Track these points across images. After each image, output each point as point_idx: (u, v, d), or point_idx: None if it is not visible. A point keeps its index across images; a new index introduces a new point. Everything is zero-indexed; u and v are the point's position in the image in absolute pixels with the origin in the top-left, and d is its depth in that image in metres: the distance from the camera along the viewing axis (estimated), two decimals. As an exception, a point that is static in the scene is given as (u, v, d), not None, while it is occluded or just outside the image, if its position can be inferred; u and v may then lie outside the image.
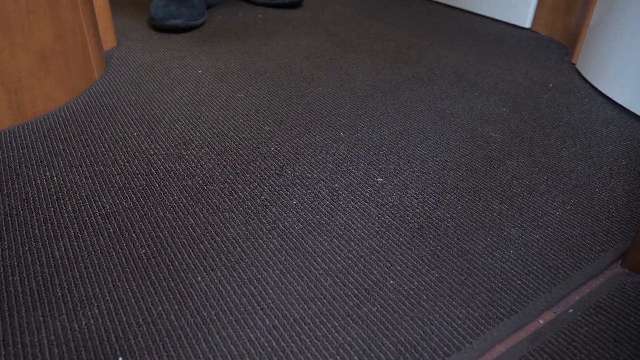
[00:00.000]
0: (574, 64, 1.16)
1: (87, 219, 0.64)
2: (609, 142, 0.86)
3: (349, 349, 0.49)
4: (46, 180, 0.71)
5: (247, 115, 0.90)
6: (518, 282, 0.57)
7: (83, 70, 0.96)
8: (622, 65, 0.95)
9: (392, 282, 0.57)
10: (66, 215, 0.65)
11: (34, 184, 0.70)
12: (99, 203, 0.67)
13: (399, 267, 0.59)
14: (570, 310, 0.55)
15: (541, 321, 0.54)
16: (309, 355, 0.48)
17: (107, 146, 0.80)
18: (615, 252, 0.62)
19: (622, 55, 0.94)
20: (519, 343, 0.51)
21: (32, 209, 0.65)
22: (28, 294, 0.53)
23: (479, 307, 0.54)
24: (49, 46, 0.86)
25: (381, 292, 0.55)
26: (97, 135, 0.82)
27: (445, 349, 0.49)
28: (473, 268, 0.59)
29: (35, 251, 0.59)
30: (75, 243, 0.60)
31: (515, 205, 0.70)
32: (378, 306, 0.53)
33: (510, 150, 0.82)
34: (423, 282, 0.57)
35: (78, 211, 0.65)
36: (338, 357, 0.48)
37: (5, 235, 0.61)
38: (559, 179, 0.76)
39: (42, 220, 0.64)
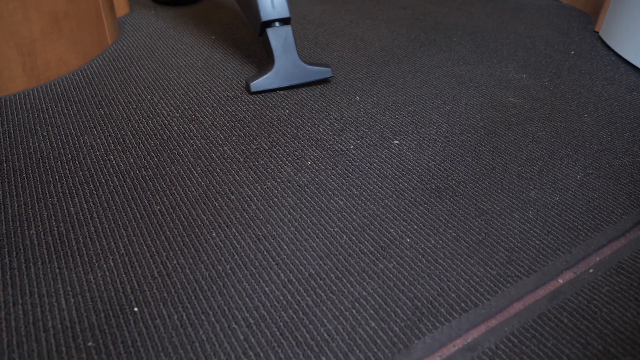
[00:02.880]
0: (597, 32, 1.13)
1: (101, 177, 0.64)
2: (632, 109, 0.83)
3: (364, 303, 0.48)
4: (61, 140, 0.71)
5: (261, 79, 0.89)
6: (537, 242, 0.56)
7: (96, 35, 0.95)
8: (648, 30, 0.91)
9: (408, 240, 0.56)
10: (81, 173, 0.65)
11: (48, 144, 0.70)
12: (114, 162, 0.67)
13: (415, 226, 0.58)
14: (591, 271, 0.54)
15: (561, 280, 0.53)
16: (324, 308, 0.48)
17: (120, 108, 0.79)
18: (638, 215, 0.61)
19: (648, 19, 0.91)
20: (538, 301, 0.50)
21: (47, 167, 0.65)
22: (44, 247, 0.53)
23: (497, 265, 0.53)
24: (62, 9, 0.85)
25: (397, 250, 0.54)
26: (110, 98, 0.82)
27: (463, 305, 0.49)
28: (491, 228, 0.58)
29: (50, 207, 0.59)
30: (90, 200, 0.60)
31: (535, 169, 0.68)
32: (394, 263, 0.53)
33: (530, 116, 0.80)
34: (440, 241, 0.56)
35: (93, 169, 0.65)
36: (354, 311, 0.47)
37: (21, 192, 0.61)
38: (580, 143, 0.74)
39: (57, 177, 0.64)
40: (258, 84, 0.81)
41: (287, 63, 0.82)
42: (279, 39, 0.81)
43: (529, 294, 0.51)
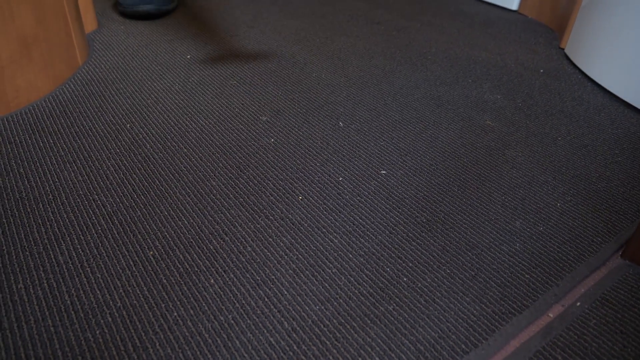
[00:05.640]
0: (562, 49, 1.17)
1: (87, 219, 0.62)
2: (601, 131, 0.87)
3: (369, 350, 0.49)
4: (39, 178, 0.68)
5: (242, 104, 0.88)
6: (527, 276, 0.59)
7: (66, 56, 0.91)
8: (612, 52, 0.96)
9: (405, 279, 0.57)
10: (65, 215, 0.62)
11: (26, 182, 0.67)
12: (99, 202, 0.65)
13: (410, 264, 0.59)
14: (578, 304, 0.56)
15: (551, 315, 0.55)
16: (330, 358, 0.48)
17: (99, 139, 0.76)
18: (616, 243, 0.64)
19: (612, 42, 0.95)
20: (532, 338, 0.52)
21: (29, 210, 0.63)
22: (35, 303, 0.51)
23: (491, 302, 0.55)
24: (31, 33, 0.81)
25: (396, 290, 0.55)
26: (88, 128, 0.79)
27: (463, 346, 0.50)
28: (482, 262, 0.60)
29: (37, 256, 0.57)
30: (79, 246, 0.58)
31: (518, 197, 0.71)
32: (394, 305, 0.54)
33: (507, 140, 0.83)
34: (435, 279, 0.57)
35: (77, 211, 0.63)
36: (360, 359, 0.48)
37: (2, 239, 0.58)
38: (557, 169, 0.77)
39: (40, 221, 0.61)
40: None
41: None
42: None
43: (523, 331, 0.53)
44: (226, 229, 0.62)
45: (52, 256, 0.57)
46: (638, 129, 0.88)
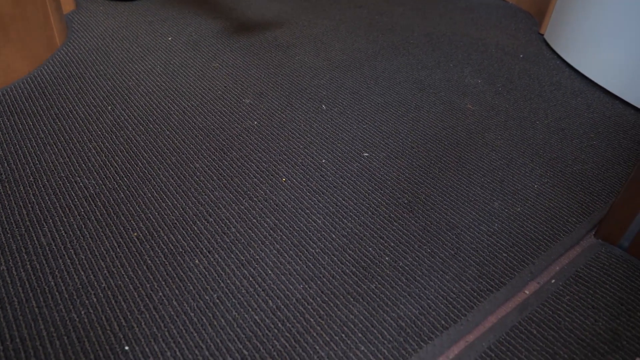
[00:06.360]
0: (542, 35, 1.19)
1: (70, 201, 0.62)
2: (577, 115, 0.90)
3: (352, 326, 0.50)
4: (19, 160, 0.67)
5: (225, 86, 0.88)
6: (504, 254, 0.60)
7: (44, 37, 0.90)
8: (589, 38, 0.98)
9: (387, 258, 0.58)
10: (47, 197, 0.62)
11: (6, 164, 0.66)
12: (81, 184, 0.64)
13: (392, 244, 0.60)
14: (553, 281, 0.58)
15: (527, 292, 0.57)
16: (314, 334, 0.49)
17: (80, 121, 0.76)
18: (589, 223, 0.67)
19: (590, 29, 0.97)
20: (509, 313, 0.54)
21: (9, 192, 0.62)
22: (19, 284, 0.51)
23: (470, 280, 0.57)
24: (8, 12, 0.79)
25: (378, 269, 0.57)
26: (68, 110, 0.78)
27: (443, 322, 0.52)
28: (462, 242, 0.61)
29: (19, 238, 0.56)
30: (62, 228, 0.58)
31: (497, 179, 0.72)
32: (376, 283, 0.55)
33: (487, 123, 0.85)
34: (416, 258, 0.59)
35: (59, 193, 0.63)
36: (343, 335, 0.49)
37: (-17, 221, 0.58)
38: (535, 151, 0.79)
39: (21, 204, 0.61)
40: None
41: None
42: None
43: (500, 307, 0.55)
44: (210, 210, 0.62)
45: (35, 238, 0.56)
46: (613, 113, 0.90)
